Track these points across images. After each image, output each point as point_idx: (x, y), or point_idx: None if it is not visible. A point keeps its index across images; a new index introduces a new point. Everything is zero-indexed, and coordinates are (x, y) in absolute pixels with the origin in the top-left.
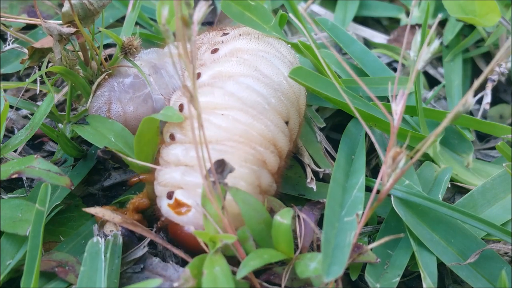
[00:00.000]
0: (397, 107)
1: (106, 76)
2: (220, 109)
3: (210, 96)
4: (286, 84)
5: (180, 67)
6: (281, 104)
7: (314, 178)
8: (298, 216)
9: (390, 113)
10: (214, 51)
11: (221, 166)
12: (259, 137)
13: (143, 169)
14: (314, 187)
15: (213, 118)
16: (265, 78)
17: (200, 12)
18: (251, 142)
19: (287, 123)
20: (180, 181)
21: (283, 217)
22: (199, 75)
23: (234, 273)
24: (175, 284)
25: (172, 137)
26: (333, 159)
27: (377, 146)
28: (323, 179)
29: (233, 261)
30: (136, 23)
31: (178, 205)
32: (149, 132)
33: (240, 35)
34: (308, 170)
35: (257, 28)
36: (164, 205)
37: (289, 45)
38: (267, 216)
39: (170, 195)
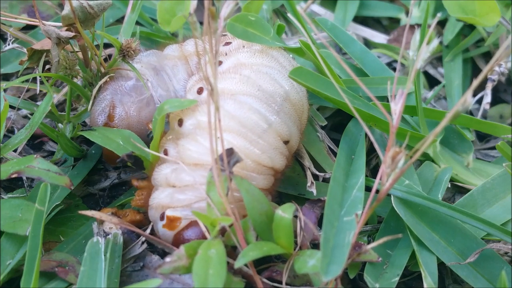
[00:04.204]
0: (396, 107)
1: (108, 79)
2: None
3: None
4: (288, 103)
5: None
6: (282, 125)
7: (314, 182)
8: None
9: (390, 113)
10: (218, 64)
11: (230, 155)
12: (254, 164)
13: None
14: (314, 192)
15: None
16: (268, 98)
17: (228, 8)
18: (243, 171)
19: (287, 142)
20: (169, 202)
21: (285, 211)
22: (201, 89)
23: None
24: (167, 259)
25: (165, 152)
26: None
27: (376, 146)
28: (323, 179)
29: (234, 256)
30: (137, 22)
31: (170, 221)
32: (159, 134)
33: (244, 46)
34: (308, 174)
35: (259, 41)
36: (160, 228)
37: (291, 55)
38: (269, 209)
39: (162, 216)
